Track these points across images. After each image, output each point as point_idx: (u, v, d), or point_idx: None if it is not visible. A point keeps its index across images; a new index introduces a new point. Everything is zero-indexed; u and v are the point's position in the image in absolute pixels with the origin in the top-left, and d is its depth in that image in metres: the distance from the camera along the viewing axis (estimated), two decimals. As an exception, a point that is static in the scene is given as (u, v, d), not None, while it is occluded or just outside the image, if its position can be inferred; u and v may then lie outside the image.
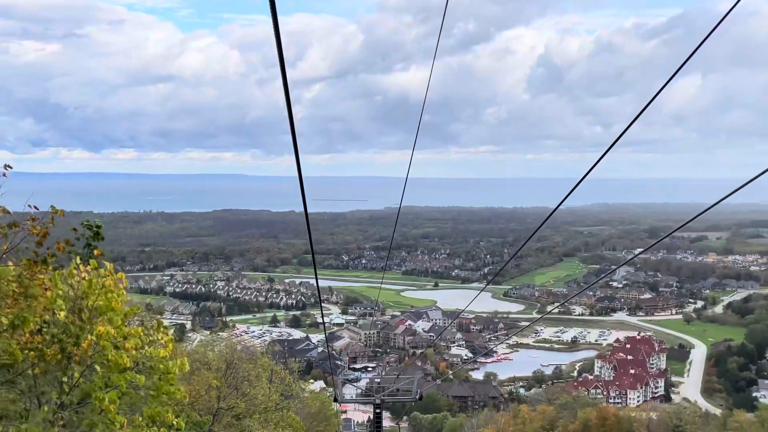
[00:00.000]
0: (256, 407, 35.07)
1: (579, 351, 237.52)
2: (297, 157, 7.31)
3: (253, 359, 39.64)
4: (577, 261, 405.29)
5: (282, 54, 5.63)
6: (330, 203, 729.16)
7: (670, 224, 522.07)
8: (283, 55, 5.63)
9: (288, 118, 6.54)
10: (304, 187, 7.99)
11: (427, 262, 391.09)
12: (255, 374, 36.41)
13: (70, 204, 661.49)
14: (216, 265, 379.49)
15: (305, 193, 8.14)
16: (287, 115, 6.49)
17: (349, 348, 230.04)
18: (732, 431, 72.59)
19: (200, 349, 35.25)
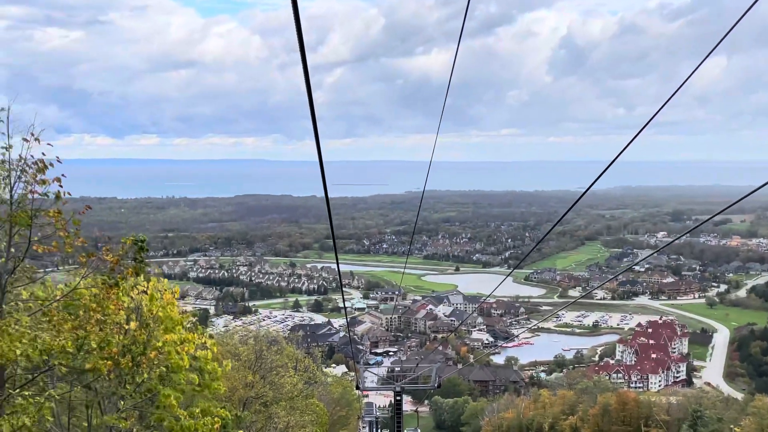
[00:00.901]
0: (282, 395, 36.67)
1: (601, 335, 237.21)
2: (318, 141, 7.38)
3: (280, 350, 41.37)
4: (599, 245, 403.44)
5: (302, 38, 5.69)
6: (351, 187, 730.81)
7: (693, 207, 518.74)
8: (303, 40, 5.70)
9: (308, 103, 6.63)
10: (324, 172, 8.06)
11: (448, 246, 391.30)
12: (281, 364, 38.38)
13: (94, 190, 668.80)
14: (238, 250, 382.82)
15: (326, 179, 8.20)
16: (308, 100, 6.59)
17: (370, 333, 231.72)
18: (752, 415, 72.67)
19: (230, 341, 36.61)
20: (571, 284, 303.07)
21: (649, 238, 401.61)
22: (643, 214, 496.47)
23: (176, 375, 12.59)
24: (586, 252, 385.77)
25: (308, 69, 6.14)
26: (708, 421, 76.01)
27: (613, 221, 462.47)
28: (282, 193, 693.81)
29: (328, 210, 9.51)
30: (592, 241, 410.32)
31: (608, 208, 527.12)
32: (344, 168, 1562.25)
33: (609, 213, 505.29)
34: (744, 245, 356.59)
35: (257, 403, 33.74)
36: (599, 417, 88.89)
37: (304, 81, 6.25)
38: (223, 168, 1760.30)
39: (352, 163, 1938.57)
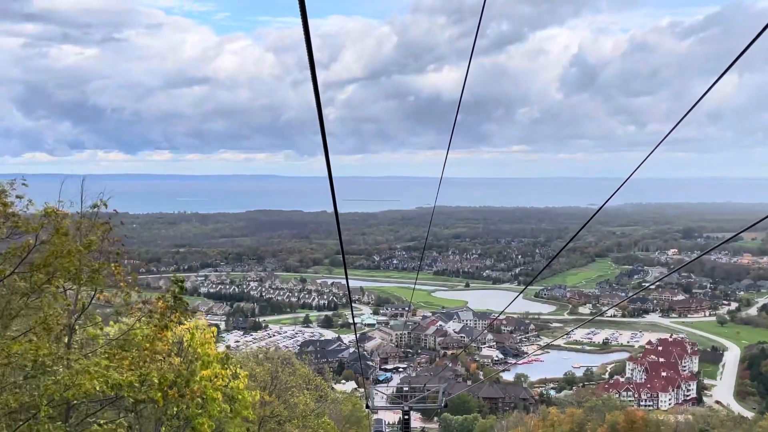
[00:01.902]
0: (295, 414, 38.16)
1: (611, 353, 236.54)
2: (327, 157, 7.45)
3: (293, 371, 43.23)
4: (610, 261, 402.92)
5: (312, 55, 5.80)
6: (362, 203, 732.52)
7: (704, 224, 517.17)
8: (312, 57, 5.80)
9: (318, 119, 6.72)
10: (334, 188, 8.10)
11: (459, 262, 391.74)
12: (295, 384, 40.36)
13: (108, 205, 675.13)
14: (249, 265, 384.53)
15: (336, 195, 8.27)
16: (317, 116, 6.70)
17: (380, 348, 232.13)
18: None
19: (247, 363, 38.53)
20: (581, 301, 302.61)
21: (660, 255, 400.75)
22: (653, 231, 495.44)
23: (210, 405, 15.55)
24: (597, 269, 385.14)
25: (318, 86, 6.33)
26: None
27: (623, 238, 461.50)
28: (293, 208, 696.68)
29: (338, 226, 9.61)
30: (602, 258, 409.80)
31: (619, 224, 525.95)
32: (355, 184, 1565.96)
33: (620, 230, 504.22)
34: (755, 263, 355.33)
35: (272, 422, 35.08)
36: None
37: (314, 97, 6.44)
38: (234, 183, 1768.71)
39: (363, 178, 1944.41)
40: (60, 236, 15.01)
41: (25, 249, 14.70)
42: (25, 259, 14.68)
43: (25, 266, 14.82)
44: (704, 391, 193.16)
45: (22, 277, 14.77)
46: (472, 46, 10.28)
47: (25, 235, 15.04)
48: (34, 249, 14.85)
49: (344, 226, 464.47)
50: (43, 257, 14.81)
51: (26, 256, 14.69)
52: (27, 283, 14.84)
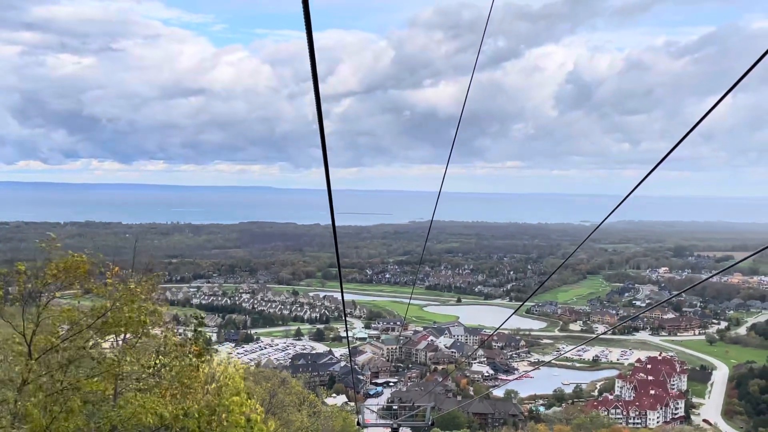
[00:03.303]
0: (290, 429, 39.98)
1: (600, 370, 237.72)
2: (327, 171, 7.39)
3: (289, 390, 46.38)
4: (601, 279, 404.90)
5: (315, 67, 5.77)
6: (355, 217, 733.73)
7: (695, 243, 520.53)
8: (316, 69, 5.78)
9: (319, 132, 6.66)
10: (332, 202, 8.03)
11: (451, 277, 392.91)
12: (290, 401, 43.19)
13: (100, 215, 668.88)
14: (242, 277, 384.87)
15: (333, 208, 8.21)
16: (318, 128, 6.62)
17: (371, 363, 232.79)
18: None
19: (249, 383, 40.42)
20: (572, 318, 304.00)
21: (651, 273, 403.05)
22: (645, 249, 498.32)
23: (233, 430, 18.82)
24: (588, 286, 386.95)
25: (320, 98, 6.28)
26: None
27: (615, 255, 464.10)
28: (286, 221, 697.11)
29: (335, 240, 9.78)
30: (594, 275, 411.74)
31: (611, 242, 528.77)
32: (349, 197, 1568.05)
33: (612, 247, 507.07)
34: (745, 283, 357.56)
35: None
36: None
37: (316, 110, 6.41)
38: (228, 195, 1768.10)
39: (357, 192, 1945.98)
40: (131, 304, 18.56)
41: (101, 310, 18.49)
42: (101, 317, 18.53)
43: (101, 323, 18.56)
44: (692, 410, 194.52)
45: (96, 330, 18.68)
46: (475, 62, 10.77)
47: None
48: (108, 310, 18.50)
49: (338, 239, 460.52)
50: (116, 317, 18.55)
51: (103, 315, 18.40)
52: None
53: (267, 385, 43.18)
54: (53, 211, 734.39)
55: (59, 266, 18.13)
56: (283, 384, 47.40)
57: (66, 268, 18.28)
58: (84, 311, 19.02)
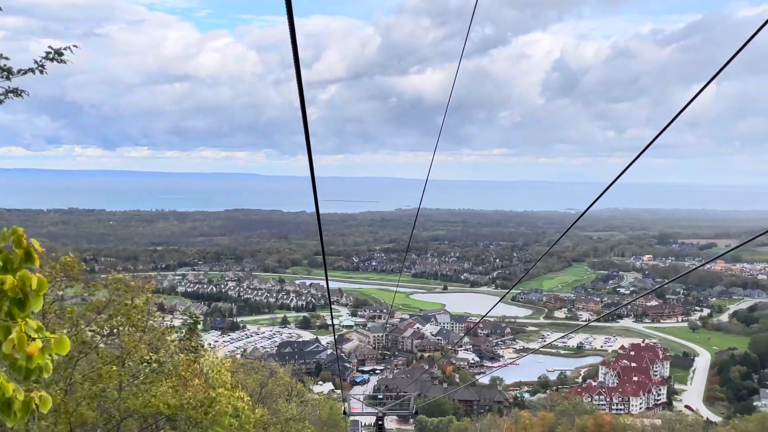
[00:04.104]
0: (279, 419, 40.82)
1: (584, 357, 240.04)
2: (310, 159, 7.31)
3: (278, 380, 47.98)
4: (586, 266, 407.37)
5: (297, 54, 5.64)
6: (341, 204, 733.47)
7: (679, 230, 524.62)
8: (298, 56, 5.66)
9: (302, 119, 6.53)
10: (316, 189, 7.99)
11: (437, 265, 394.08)
12: (278, 392, 44.85)
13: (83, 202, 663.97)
14: (227, 265, 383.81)
15: (317, 194, 8.15)
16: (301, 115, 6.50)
17: (357, 350, 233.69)
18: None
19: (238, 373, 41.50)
20: (557, 305, 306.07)
21: (635, 260, 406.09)
22: (629, 237, 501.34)
23: (222, 419, 21.15)
24: (573, 273, 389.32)
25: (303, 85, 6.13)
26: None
27: (600, 243, 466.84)
28: (272, 208, 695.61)
29: (319, 228, 9.53)
30: (579, 263, 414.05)
31: (596, 230, 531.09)
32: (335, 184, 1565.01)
33: (597, 235, 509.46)
34: (728, 270, 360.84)
35: (259, 427, 37.24)
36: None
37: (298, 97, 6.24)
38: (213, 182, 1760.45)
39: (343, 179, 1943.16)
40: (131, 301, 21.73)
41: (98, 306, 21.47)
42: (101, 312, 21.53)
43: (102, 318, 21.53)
44: (674, 396, 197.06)
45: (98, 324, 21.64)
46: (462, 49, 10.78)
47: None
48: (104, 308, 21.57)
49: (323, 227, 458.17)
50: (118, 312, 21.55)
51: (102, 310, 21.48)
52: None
53: (257, 377, 44.34)
54: (36, 198, 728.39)
55: (56, 267, 19.38)
56: (272, 375, 48.70)
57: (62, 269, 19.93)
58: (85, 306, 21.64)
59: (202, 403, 21.31)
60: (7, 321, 3.18)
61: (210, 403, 21.41)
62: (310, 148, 7.20)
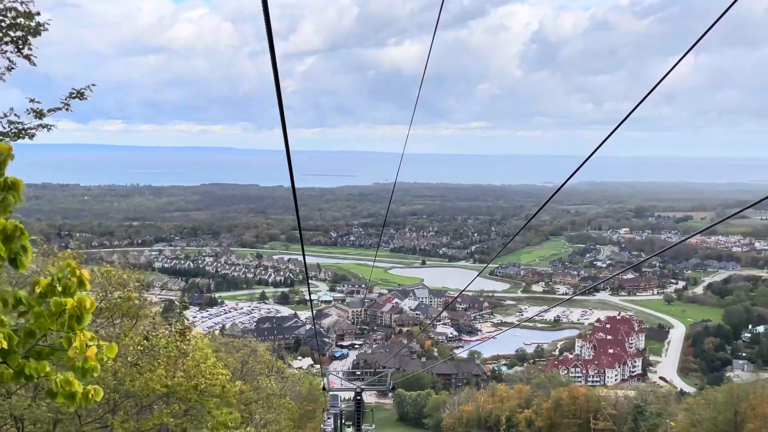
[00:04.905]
0: (260, 396, 41.71)
1: (561, 330, 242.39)
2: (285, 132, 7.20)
3: (258, 357, 50.05)
4: (564, 240, 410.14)
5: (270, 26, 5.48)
6: (319, 178, 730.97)
7: (656, 203, 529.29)
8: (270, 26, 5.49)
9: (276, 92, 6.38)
10: (291, 163, 7.93)
11: (415, 239, 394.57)
12: (260, 369, 46.65)
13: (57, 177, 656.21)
14: (204, 240, 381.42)
15: (293, 169, 8.13)
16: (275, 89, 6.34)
17: (336, 325, 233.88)
18: (685, 411, 77.40)
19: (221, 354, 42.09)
20: (534, 279, 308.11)
21: (612, 234, 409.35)
22: (607, 210, 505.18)
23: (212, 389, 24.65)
24: (551, 247, 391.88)
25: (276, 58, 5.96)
26: (648, 416, 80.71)
27: (577, 217, 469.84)
28: (249, 182, 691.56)
29: (295, 203, 9.52)
30: (556, 237, 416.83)
31: (573, 203, 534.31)
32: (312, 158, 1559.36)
33: (574, 208, 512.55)
34: (703, 243, 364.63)
35: (240, 403, 37.14)
36: (552, 411, 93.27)
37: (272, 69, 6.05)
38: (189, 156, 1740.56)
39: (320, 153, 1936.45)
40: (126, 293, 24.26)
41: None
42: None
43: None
44: (649, 368, 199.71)
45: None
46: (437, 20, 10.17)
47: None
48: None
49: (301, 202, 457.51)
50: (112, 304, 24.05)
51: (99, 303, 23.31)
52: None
53: (238, 355, 45.94)
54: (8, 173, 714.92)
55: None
56: (253, 353, 49.93)
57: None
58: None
59: (191, 379, 23.89)
60: (69, 333, 4.21)
61: (199, 380, 24.00)
62: (284, 123, 7.03)
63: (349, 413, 75.20)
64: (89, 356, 4.24)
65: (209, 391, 24.82)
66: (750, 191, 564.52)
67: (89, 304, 4.28)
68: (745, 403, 67.06)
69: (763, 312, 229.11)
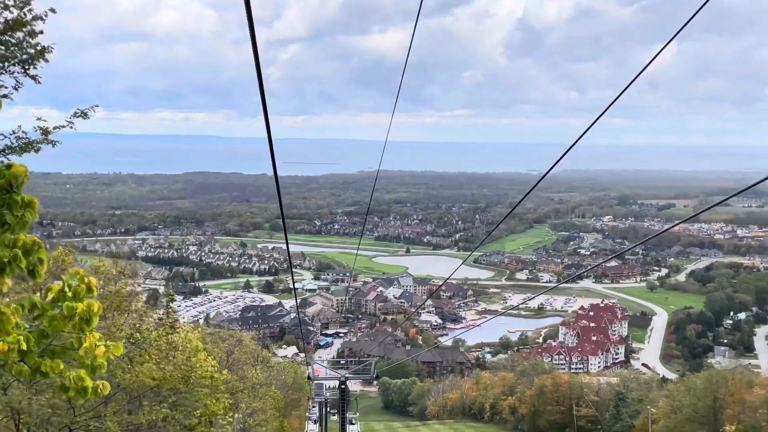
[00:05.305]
0: (246, 385, 42.40)
1: (545, 318, 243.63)
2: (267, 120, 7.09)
3: (244, 347, 51.11)
4: (547, 228, 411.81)
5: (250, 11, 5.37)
6: (303, 166, 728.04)
7: (639, 191, 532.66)
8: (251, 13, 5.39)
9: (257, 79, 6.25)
10: (274, 152, 7.81)
11: (400, 227, 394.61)
12: (245, 359, 47.33)
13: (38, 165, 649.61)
14: (188, 229, 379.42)
15: (276, 156, 8.00)
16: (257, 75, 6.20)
17: (321, 314, 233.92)
18: (665, 397, 78.28)
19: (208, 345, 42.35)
20: (518, 267, 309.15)
21: (596, 222, 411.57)
22: (590, 198, 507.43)
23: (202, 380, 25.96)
24: (535, 235, 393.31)
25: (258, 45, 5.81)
26: (630, 403, 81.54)
27: (561, 205, 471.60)
28: (232, 170, 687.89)
29: (278, 191, 9.42)
30: (540, 224, 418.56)
31: (557, 191, 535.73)
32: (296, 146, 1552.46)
33: (558, 196, 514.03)
34: (685, 230, 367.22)
35: (227, 393, 37.48)
36: (535, 398, 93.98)
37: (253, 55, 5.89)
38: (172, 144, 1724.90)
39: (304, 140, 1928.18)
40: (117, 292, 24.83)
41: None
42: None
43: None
44: (632, 355, 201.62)
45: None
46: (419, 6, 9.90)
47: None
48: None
49: (285, 190, 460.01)
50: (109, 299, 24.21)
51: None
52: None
53: (223, 345, 46.27)
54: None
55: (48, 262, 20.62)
56: (239, 343, 51.10)
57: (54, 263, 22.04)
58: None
59: (184, 373, 24.85)
60: (79, 334, 4.78)
61: (189, 372, 25.03)
62: (266, 111, 6.88)
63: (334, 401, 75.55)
64: (98, 355, 4.80)
65: (199, 383, 25.98)
66: (732, 179, 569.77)
67: (97, 308, 4.84)
68: (724, 389, 67.77)
69: (745, 299, 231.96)
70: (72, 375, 4.83)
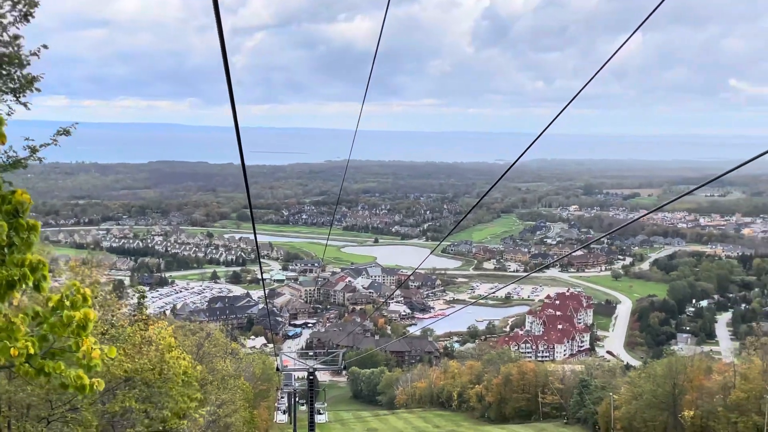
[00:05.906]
0: (215, 376, 43.03)
1: (512, 307, 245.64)
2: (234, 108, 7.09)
3: (213, 340, 51.79)
4: (515, 217, 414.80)
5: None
6: (270, 155, 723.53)
7: (604, 180, 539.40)
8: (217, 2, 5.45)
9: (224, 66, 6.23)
10: (241, 141, 7.75)
11: (368, 218, 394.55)
12: (215, 352, 48.30)
13: None
14: (153, 219, 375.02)
15: (243, 146, 7.99)
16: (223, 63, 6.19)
17: (289, 304, 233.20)
18: (627, 384, 79.91)
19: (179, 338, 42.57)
20: (486, 257, 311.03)
21: (562, 211, 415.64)
22: (557, 188, 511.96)
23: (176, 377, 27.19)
24: (502, 224, 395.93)
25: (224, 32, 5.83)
26: (593, 390, 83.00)
27: (528, 194, 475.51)
28: (198, 160, 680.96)
29: (245, 181, 9.41)
30: (507, 214, 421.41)
31: (524, 181, 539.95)
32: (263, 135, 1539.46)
33: (525, 186, 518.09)
34: (650, 219, 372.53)
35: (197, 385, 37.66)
36: (502, 386, 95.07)
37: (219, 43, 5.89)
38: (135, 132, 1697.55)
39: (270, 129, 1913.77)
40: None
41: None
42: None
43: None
44: (597, 342, 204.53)
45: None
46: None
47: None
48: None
49: (252, 180, 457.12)
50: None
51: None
52: None
53: (194, 339, 47.31)
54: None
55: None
56: (208, 337, 51.61)
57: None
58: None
59: (155, 366, 26.04)
60: (77, 338, 5.46)
61: (161, 366, 26.25)
62: (233, 99, 6.84)
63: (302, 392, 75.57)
64: (94, 357, 5.50)
65: (172, 379, 27.01)
66: (696, 168, 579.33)
67: (92, 316, 5.52)
68: (683, 375, 69.21)
69: (707, 287, 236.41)
70: (72, 374, 5.44)
